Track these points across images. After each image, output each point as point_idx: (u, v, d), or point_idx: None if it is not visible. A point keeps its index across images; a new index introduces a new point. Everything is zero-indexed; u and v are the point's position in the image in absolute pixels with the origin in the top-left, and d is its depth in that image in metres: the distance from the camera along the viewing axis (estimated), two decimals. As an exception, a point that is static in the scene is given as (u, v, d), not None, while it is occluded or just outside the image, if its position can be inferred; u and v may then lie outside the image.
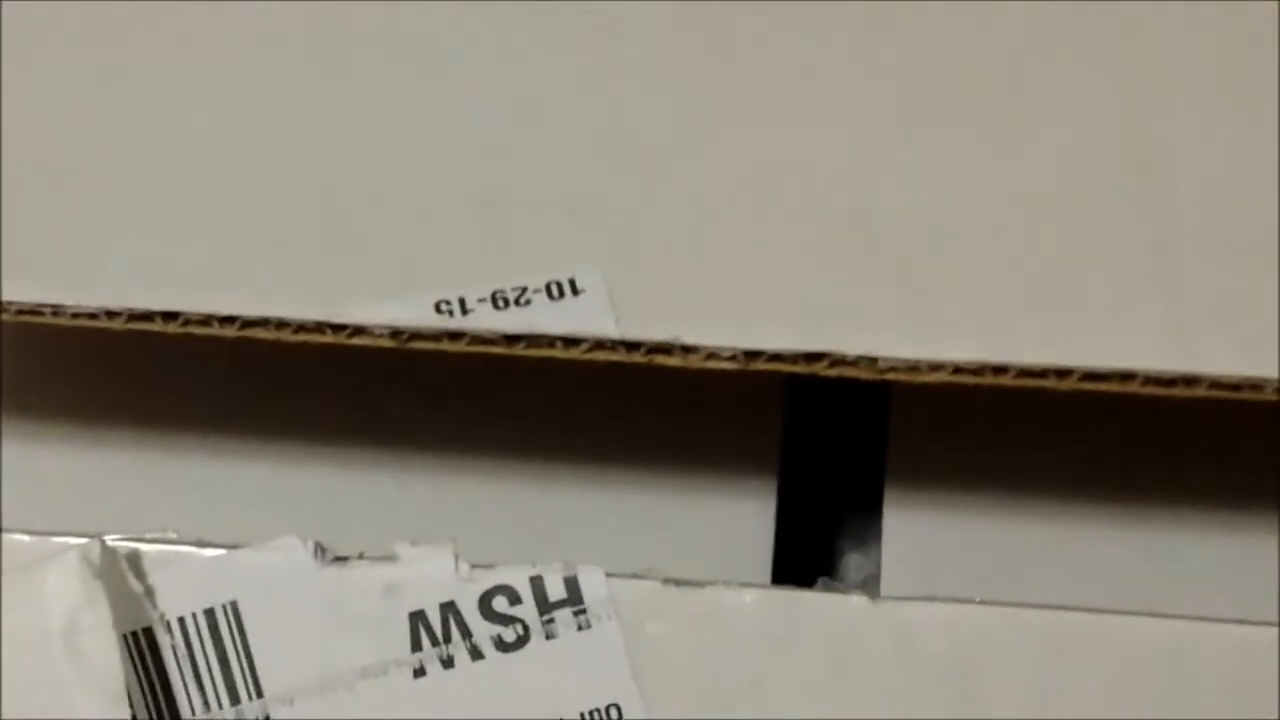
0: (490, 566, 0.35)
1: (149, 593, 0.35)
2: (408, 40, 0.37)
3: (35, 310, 0.35)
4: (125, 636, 0.35)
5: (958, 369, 0.33)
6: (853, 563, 0.39)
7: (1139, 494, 0.37)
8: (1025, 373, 0.33)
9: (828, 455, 0.40)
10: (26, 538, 0.36)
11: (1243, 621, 0.34)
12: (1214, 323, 0.33)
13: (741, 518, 0.38)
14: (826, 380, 0.37)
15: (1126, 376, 0.33)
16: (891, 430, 0.38)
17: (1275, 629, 0.34)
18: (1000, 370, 0.33)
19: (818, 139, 0.36)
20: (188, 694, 0.35)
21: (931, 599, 0.34)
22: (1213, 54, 0.36)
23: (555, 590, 0.35)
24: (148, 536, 0.36)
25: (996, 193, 0.35)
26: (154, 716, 0.35)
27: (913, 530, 0.37)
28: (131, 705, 0.35)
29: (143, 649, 0.35)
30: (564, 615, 0.35)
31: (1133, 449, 0.38)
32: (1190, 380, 0.32)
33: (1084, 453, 0.38)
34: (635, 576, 0.35)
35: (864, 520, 0.39)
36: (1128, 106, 0.35)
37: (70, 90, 0.37)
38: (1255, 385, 0.32)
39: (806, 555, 0.39)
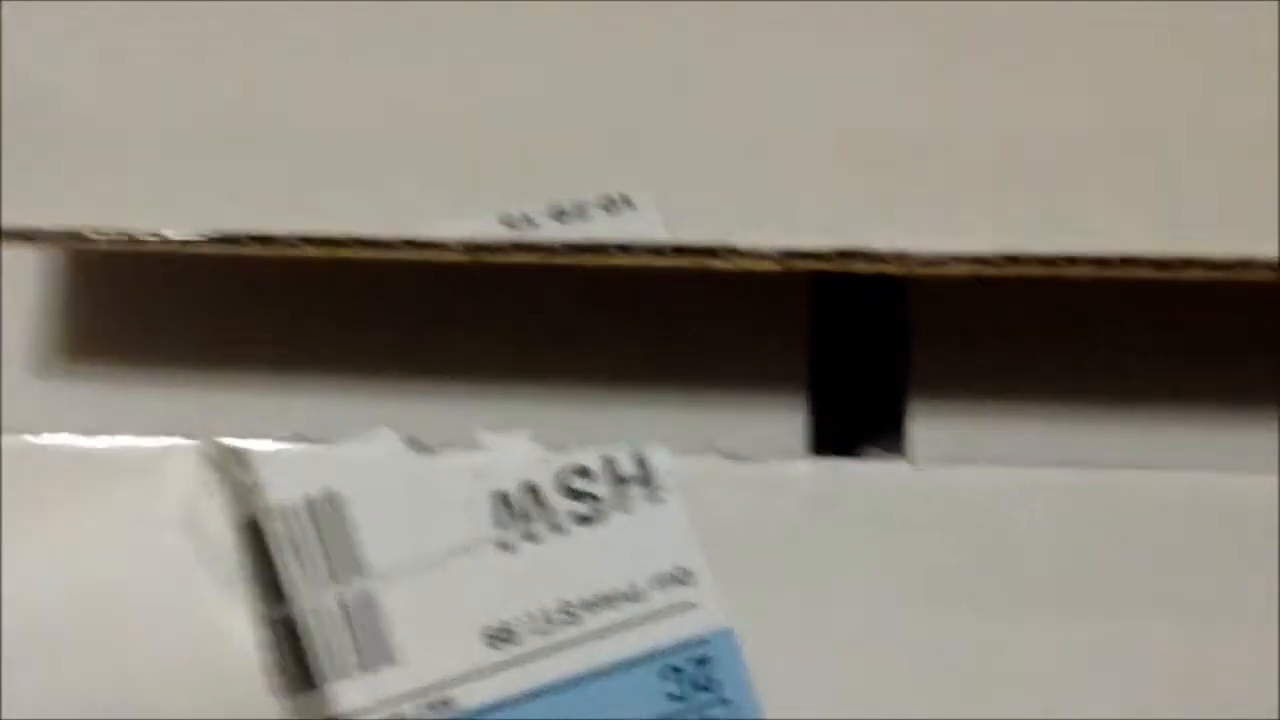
0: (565, 449, 0.39)
1: (256, 485, 0.39)
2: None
3: (118, 239, 0.37)
4: (236, 524, 0.39)
5: (979, 259, 0.36)
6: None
7: (1157, 396, 0.40)
8: (1039, 261, 0.36)
9: (852, 373, 0.42)
10: (143, 440, 0.39)
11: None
12: (1210, 211, 0.36)
13: (774, 436, 0.40)
14: (851, 296, 0.40)
15: (1129, 261, 0.36)
16: (914, 346, 0.41)
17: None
18: (1016, 260, 0.36)
19: (841, 59, 0.39)
20: (293, 577, 0.39)
21: (971, 462, 0.38)
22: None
23: (626, 468, 0.39)
24: (252, 435, 0.39)
25: (1006, 109, 0.38)
26: (263, 596, 0.39)
27: (936, 440, 0.40)
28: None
29: (251, 536, 0.39)
30: (635, 490, 0.39)
31: (1146, 349, 0.41)
32: (1188, 262, 0.36)
33: (1102, 355, 0.41)
34: (697, 453, 0.39)
35: (888, 440, 0.41)
36: (1119, 36, 0.38)
37: (121, 29, 0.39)
38: (1247, 264, 0.35)
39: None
